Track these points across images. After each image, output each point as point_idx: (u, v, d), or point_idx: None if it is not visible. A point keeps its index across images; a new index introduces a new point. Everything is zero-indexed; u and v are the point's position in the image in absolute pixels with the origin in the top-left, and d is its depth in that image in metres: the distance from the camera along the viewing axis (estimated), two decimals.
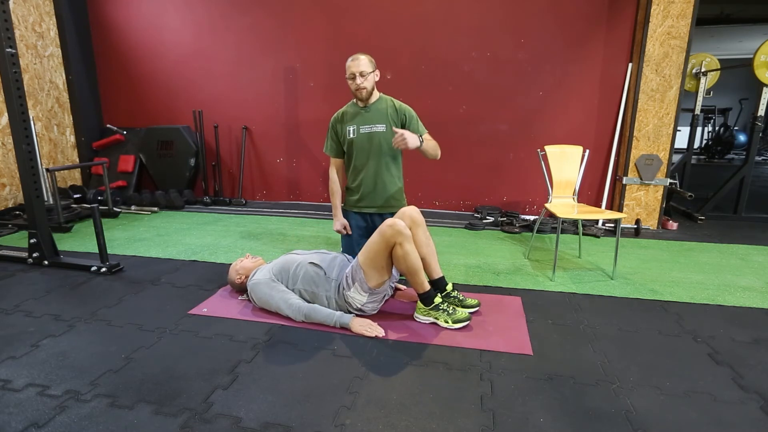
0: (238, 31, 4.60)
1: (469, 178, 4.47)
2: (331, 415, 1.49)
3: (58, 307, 2.28)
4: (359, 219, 2.71)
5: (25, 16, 4.27)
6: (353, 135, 2.61)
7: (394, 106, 2.61)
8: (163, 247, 3.30)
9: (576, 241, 3.55)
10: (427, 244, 2.26)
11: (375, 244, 2.05)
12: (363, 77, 2.47)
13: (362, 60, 2.47)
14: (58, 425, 1.43)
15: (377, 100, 2.61)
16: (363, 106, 2.60)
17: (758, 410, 1.56)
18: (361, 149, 2.62)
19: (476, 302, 2.28)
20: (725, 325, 2.20)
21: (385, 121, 2.58)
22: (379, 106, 2.60)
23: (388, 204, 2.67)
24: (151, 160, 4.88)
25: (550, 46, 4.06)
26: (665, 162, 3.91)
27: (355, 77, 2.47)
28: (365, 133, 2.59)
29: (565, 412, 1.52)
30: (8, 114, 2.72)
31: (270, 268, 2.26)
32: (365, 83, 2.48)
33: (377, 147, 2.59)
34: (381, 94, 2.64)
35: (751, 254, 3.34)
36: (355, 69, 2.46)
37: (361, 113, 2.60)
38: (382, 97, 2.63)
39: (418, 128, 2.60)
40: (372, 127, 2.58)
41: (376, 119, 2.58)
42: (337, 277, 2.16)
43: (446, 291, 2.27)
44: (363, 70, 2.46)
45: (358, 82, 2.47)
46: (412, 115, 2.62)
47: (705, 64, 4.53)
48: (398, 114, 2.59)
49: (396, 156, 2.66)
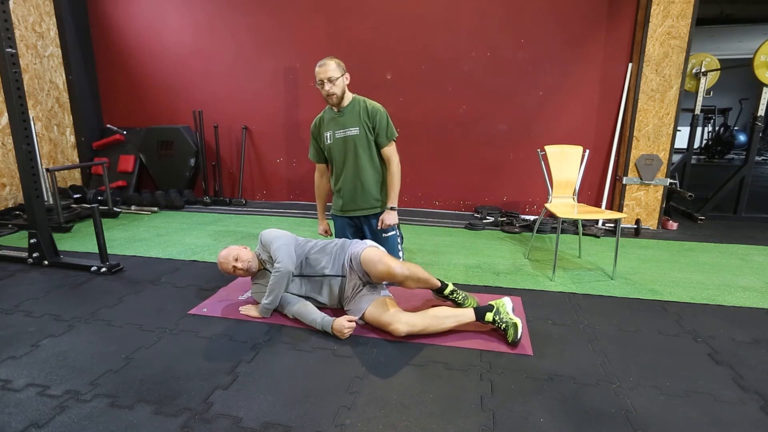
0: (238, 31, 4.60)
1: (469, 178, 4.47)
2: (331, 415, 1.49)
3: (58, 307, 2.28)
4: (348, 222, 2.72)
5: (25, 16, 4.27)
6: (330, 141, 2.61)
7: (366, 107, 2.57)
8: (163, 247, 3.30)
9: (576, 241, 3.55)
10: (410, 275, 2.07)
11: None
12: (331, 83, 2.43)
13: (329, 65, 2.42)
14: (58, 425, 1.43)
15: (350, 103, 2.57)
16: (337, 111, 2.57)
17: (758, 410, 1.56)
18: (338, 154, 2.62)
19: (475, 302, 2.27)
20: (725, 325, 2.20)
21: (358, 124, 2.55)
22: (352, 109, 2.57)
23: (371, 206, 2.66)
24: (151, 160, 4.88)
25: (550, 46, 4.06)
26: (665, 162, 3.91)
27: (323, 83, 2.43)
28: (340, 137, 2.58)
29: (565, 412, 1.52)
30: (8, 114, 2.72)
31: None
32: (334, 89, 2.44)
33: (353, 150, 2.58)
34: (354, 96, 2.60)
35: (751, 254, 3.34)
36: (323, 75, 2.42)
37: (335, 118, 2.58)
38: (354, 99, 2.59)
39: (386, 134, 2.58)
40: (346, 131, 2.56)
41: (350, 123, 2.56)
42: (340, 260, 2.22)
43: (444, 294, 2.25)
44: (331, 76, 2.42)
45: (326, 88, 2.44)
46: (383, 119, 2.57)
47: (705, 64, 4.54)
48: (369, 117, 2.55)
49: (373, 157, 2.62)
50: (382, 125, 2.57)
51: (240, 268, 2.18)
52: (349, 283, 2.18)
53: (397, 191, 2.64)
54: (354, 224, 2.73)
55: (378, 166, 2.66)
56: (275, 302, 2.12)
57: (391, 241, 2.63)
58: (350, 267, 2.17)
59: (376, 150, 2.63)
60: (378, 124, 2.56)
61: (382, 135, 2.58)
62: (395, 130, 2.63)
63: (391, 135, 2.60)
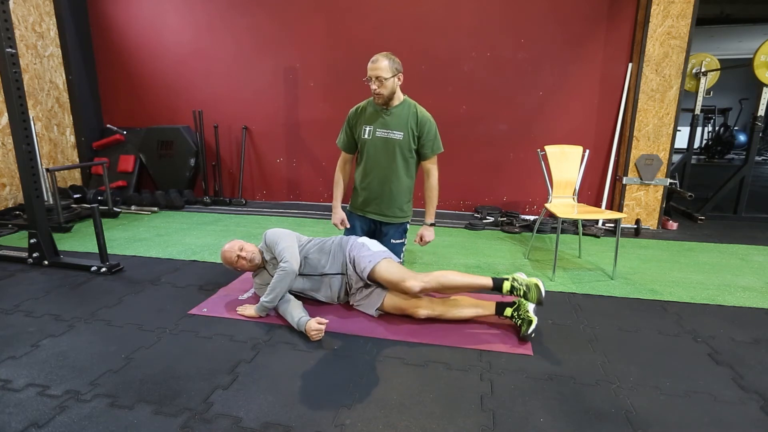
0: (238, 31, 4.60)
1: (469, 178, 4.47)
2: (331, 415, 1.49)
3: (58, 307, 2.28)
4: (363, 222, 2.65)
5: (25, 16, 4.27)
6: (368, 136, 2.48)
7: (417, 115, 2.45)
8: (163, 247, 3.30)
9: (576, 241, 3.55)
10: (437, 286, 2.09)
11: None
12: (380, 82, 2.30)
13: (381, 63, 2.29)
14: (58, 425, 1.43)
15: (399, 105, 2.45)
16: (384, 109, 2.45)
17: (758, 410, 1.56)
18: (374, 153, 2.50)
19: (535, 296, 2.06)
20: (725, 325, 2.20)
21: (404, 129, 2.44)
22: (401, 112, 2.44)
23: (393, 214, 2.59)
24: (151, 160, 4.88)
25: (550, 46, 4.06)
26: (665, 162, 3.91)
27: (372, 81, 2.32)
28: (381, 137, 2.46)
29: (565, 412, 1.52)
30: (8, 114, 2.72)
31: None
32: (381, 89, 2.32)
33: (391, 154, 2.47)
34: (405, 98, 2.48)
35: (751, 254, 3.34)
36: (372, 73, 2.31)
37: (380, 115, 2.45)
38: (405, 102, 2.47)
39: (432, 146, 2.49)
40: (389, 132, 2.45)
41: (395, 125, 2.44)
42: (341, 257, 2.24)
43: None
44: (380, 75, 2.29)
45: (374, 87, 2.33)
46: (431, 130, 2.46)
47: (705, 64, 4.54)
48: (418, 126, 2.44)
49: (409, 166, 2.53)
50: (430, 137, 2.47)
51: (243, 257, 2.21)
52: (349, 280, 2.20)
53: (435, 206, 2.59)
54: (368, 226, 2.65)
55: (413, 176, 2.58)
56: (275, 301, 2.11)
57: (397, 249, 2.60)
58: (353, 267, 2.19)
59: (413, 160, 2.54)
60: (426, 135, 2.46)
61: (428, 147, 2.49)
62: (441, 145, 2.54)
63: (437, 149, 2.52)
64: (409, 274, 2.09)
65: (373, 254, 2.17)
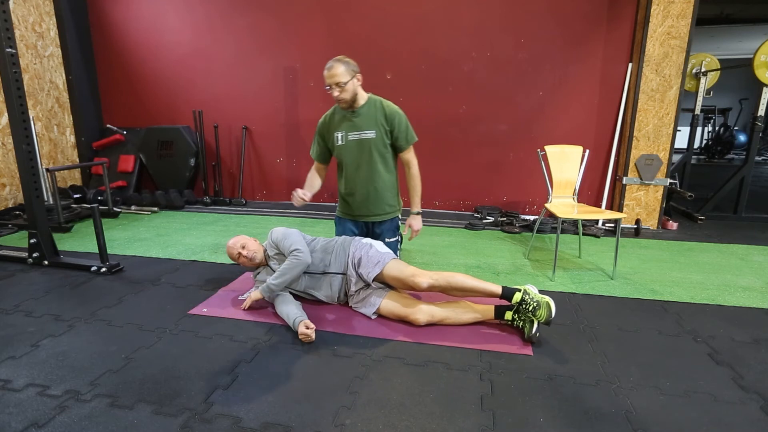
0: (237, 31, 4.60)
1: (469, 178, 4.47)
2: (331, 415, 1.49)
3: (58, 307, 2.28)
4: (354, 226, 2.65)
5: (25, 16, 4.27)
6: (342, 142, 2.48)
7: (384, 110, 2.44)
8: (163, 247, 3.30)
9: (576, 241, 3.55)
10: (447, 285, 2.07)
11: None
12: (340, 88, 2.29)
13: (336, 69, 2.27)
14: (58, 425, 1.43)
15: (365, 104, 2.43)
16: (351, 111, 2.44)
17: (758, 410, 1.56)
18: (350, 157, 2.50)
19: (544, 314, 1.97)
20: (725, 325, 2.20)
21: (375, 127, 2.43)
22: (368, 111, 2.43)
23: (384, 212, 2.60)
24: (151, 160, 4.88)
25: (550, 46, 4.06)
26: (665, 162, 3.91)
27: (332, 88, 2.31)
28: (354, 140, 2.45)
29: (565, 412, 1.52)
30: (8, 114, 2.72)
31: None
32: (343, 94, 2.31)
33: (368, 154, 2.46)
34: (369, 96, 2.47)
35: (751, 254, 3.33)
36: (329, 81, 2.29)
37: (349, 119, 2.45)
38: (370, 100, 2.46)
39: (406, 138, 2.49)
40: (361, 133, 2.44)
41: (365, 125, 2.43)
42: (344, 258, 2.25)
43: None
44: (339, 81, 2.28)
45: (335, 93, 2.31)
46: (402, 123, 2.46)
47: (705, 64, 4.54)
48: (387, 120, 2.44)
49: (387, 161, 2.53)
50: (401, 129, 2.47)
51: (244, 256, 2.29)
52: (350, 280, 2.20)
53: (419, 195, 2.60)
54: (359, 229, 2.65)
55: (393, 170, 2.57)
56: (282, 286, 2.13)
57: (392, 247, 2.59)
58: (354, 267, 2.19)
59: (390, 154, 2.54)
60: (397, 128, 2.45)
61: (402, 139, 2.48)
62: (414, 134, 2.54)
63: (411, 139, 2.51)
64: (419, 270, 2.10)
65: (383, 254, 2.19)
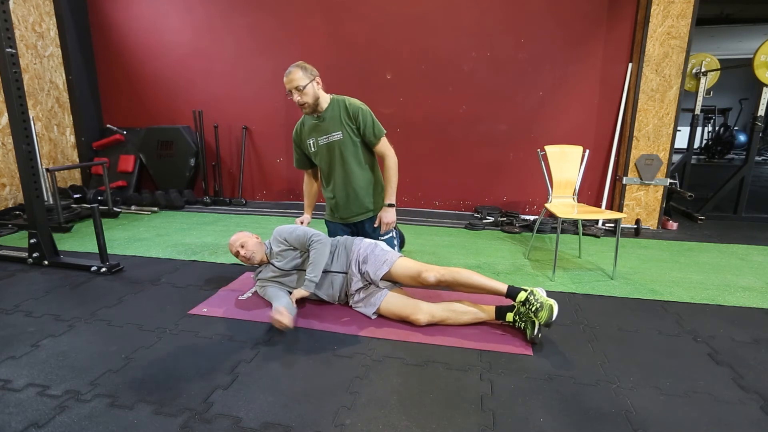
0: (237, 31, 4.60)
1: (469, 178, 4.47)
2: (331, 415, 1.49)
3: (58, 307, 2.28)
4: (345, 228, 2.66)
5: (25, 16, 4.27)
6: (314, 148, 2.51)
7: (347, 108, 2.42)
8: (163, 247, 3.30)
9: (576, 241, 3.55)
10: (453, 280, 2.07)
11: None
12: (300, 92, 2.28)
13: (295, 75, 2.27)
14: (58, 425, 1.43)
15: (329, 106, 2.43)
16: (317, 117, 2.44)
17: (758, 410, 1.56)
18: (324, 162, 2.52)
19: (546, 315, 1.93)
20: (725, 325, 2.20)
21: (340, 127, 2.42)
22: (332, 113, 2.43)
23: (366, 209, 2.60)
24: (151, 160, 4.88)
25: (550, 46, 4.06)
26: (665, 162, 3.91)
27: (292, 94, 2.31)
28: (324, 144, 2.47)
29: (565, 412, 1.52)
30: (8, 114, 2.72)
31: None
32: (304, 98, 2.30)
33: (339, 156, 2.46)
34: (332, 98, 2.45)
35: (751, 254, 3.33)
36: (289, 86, 2.29)
37: (316, 124, 2.46)
38: (333, 101, 2.44)
39: (373, 132, 2.45)
40: (329, 136, 2.44)
41: (331, 127, 2.43)
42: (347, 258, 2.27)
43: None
44: (298, 85, 2.27)
45: (296, 99, 2.31)
46: (366, 118, 2.42)
47: (705, 64, 4.54)
48: (351, 117, 2.42)
49: (361, 160, 2.51)
50: (367, 124, 2.44)
51: (242, 255, 2.30)
52: (351, 280, 2.21)
53: (394, 187, 2.51)
54: (350, 229, 2.67)
55: (368, 167, 2.56)
56: (320, 274, 2.15)
57: (389, 243, 2.56)
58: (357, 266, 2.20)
59: (363, 151, 2.52)
60: (362, 124, 2.43)
61: (369, 134, 2.45)
62: (382, 126, 2.50)
63: (378, 133, 2.48)
64: (426, 266, 2.12)
65: (389, 253, 2.21)
